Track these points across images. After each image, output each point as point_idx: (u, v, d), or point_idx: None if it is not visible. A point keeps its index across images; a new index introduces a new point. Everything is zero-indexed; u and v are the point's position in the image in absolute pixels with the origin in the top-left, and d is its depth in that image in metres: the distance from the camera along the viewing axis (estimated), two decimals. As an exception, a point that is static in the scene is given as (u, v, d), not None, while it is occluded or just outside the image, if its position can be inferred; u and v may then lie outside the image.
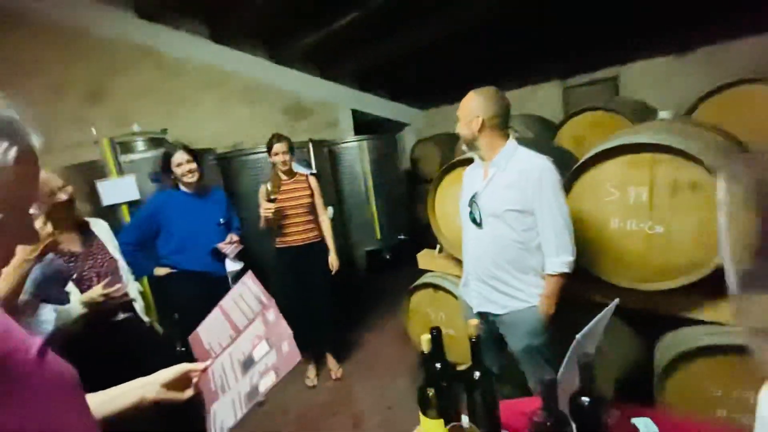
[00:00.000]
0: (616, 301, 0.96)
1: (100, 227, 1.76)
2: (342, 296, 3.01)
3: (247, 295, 0.89)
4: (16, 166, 0.43)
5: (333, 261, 2.66)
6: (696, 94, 2.52)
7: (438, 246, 2.63)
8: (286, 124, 4.36)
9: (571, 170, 1.67)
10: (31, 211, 0.49)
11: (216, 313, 0.93)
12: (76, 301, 1.46)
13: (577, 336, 0.84)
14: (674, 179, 1.45)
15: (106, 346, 1.51)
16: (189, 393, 0.81)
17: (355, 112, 5.08)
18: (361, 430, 2.23)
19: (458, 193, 1.72)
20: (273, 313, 0.82)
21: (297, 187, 2.55)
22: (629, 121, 2.64)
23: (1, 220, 0.43)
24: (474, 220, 1.51)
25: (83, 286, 1.54)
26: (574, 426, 0.77)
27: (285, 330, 0.79)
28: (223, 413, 0.75)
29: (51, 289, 1.42)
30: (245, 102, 4.15)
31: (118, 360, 1.43)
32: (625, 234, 1.59)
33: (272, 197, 2.38)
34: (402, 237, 4.22)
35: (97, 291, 1.48)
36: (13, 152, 0.43)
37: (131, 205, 2.53)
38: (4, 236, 0.44)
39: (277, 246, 2.58)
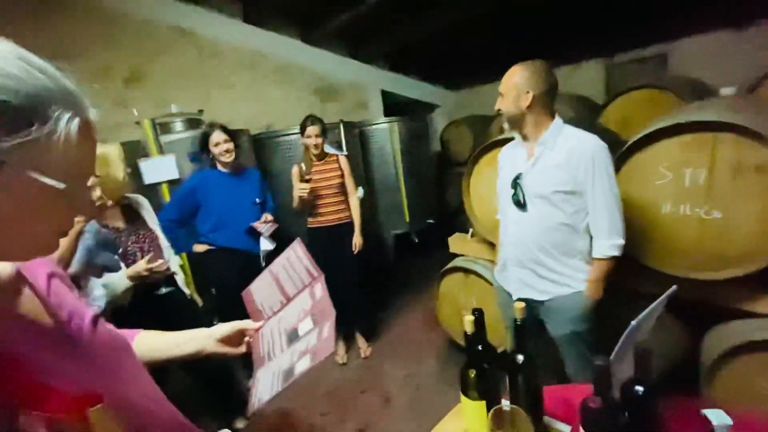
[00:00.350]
0: (674, 288, 0.90)
1: (141, 204, 1.83)
2: (371, 278, 3.03)
3: (295, 262, 0.90)
4: (79, 137, 0.44)
5: (357, 239, 2.66)
6: (757, 71, 2.30)
7: (470, 230, 2.59)
8: (317, 106, 4.35)
9: (619, 151, 1.58)
10: (89, 183, 0.50)
11: (266, 275, 0.94)
12: (123, 275, 1.53)
13: (633, 322, 0.80)
14: (738, 161, 1.33)
15: (151, 318, 1.57)
16: (242, 350, 0.85)
17: (385, 94, 5.00)
18: (390, 407, 2.27)
19: (494, 175, 1.66)
20: (320, 289, 0.83)
21: (328, 168, 2.55)
22: (682, 100, 2.46)
23: (64, 191, 0.43)
24: (517, 202, 1.45)
25: (128, 261, 1.61)
26: (627, 414, 0.74)
27: (330, 310, 0.79)
28: (263, 385, 0.77)
29: (103, 256, 1.50)
30: (277, 83, 4.16)
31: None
32: (677, 219, 1.49)
33: (307, 178, 2.40)
34: (431, 221, 4.17)
35: (141, 265, 1.55)
36: (76, 123, 0.44)
37: (171, 184, 2.61)
38: (66, 207, 0.46)
39: (309, 226, 2.61)
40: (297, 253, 0.92)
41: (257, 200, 2.38)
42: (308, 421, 2.22)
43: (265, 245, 2.38)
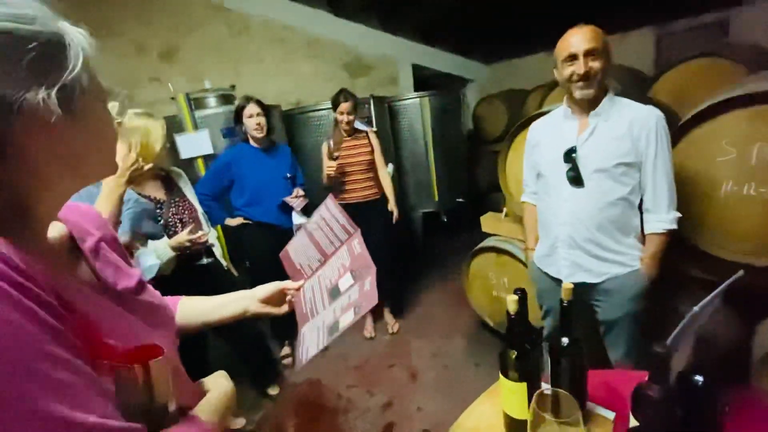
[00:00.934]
0: (741, 273, 0.83)
1: (180, 176, 1.87)
2: (399, 256, 3.02)
3: (330, 220, 0.89)
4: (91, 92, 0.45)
5: (394, 209, 2.66)
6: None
7: (503, 209, 2.51)
8: (347, 81, 4.28)
9: (677, 124, 1.45)
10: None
11: (302, 235, 0.94)
12: (166, 245, 1.58)
13: (695, 308, 0.74)
14: (817, 136, 1.19)
15: (194, 287, 1.64)
16: (284, 309, 0.87)
17: (415, 68, 4.85)
18: (417, 383, 2.29)
19: (530, 152, 1.57)
20: (358, 244, 0.82)
21: (357, 144, 2.52)
22: (745, 70, 2.22)
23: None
24: (573, 179, 1.35)
25: (168, 232, 1.66)
26: (682, 404, 0.69)
27: (369, 264, 0.78)
28: (309, 340, 0.78)
29: (147, 225, 1.56)
30: (307, 58, 4.11)
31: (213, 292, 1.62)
32: (740, 199, 1.37)
33: (335, 155, 2.38)
34: (460, 200, 4.08)
35: (183, 236, 1.59)
36: (85, 41, 0.45)
37: (206, 158, 2.66)
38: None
39: (339, 203, 2.61)
40: (331, 210, 0.90)
41: (288, 174, 2.39)
42: (336, 391, 2.28)
43: (298, 220, 2.41)
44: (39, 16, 0.39)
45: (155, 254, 1.51)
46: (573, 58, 1.26)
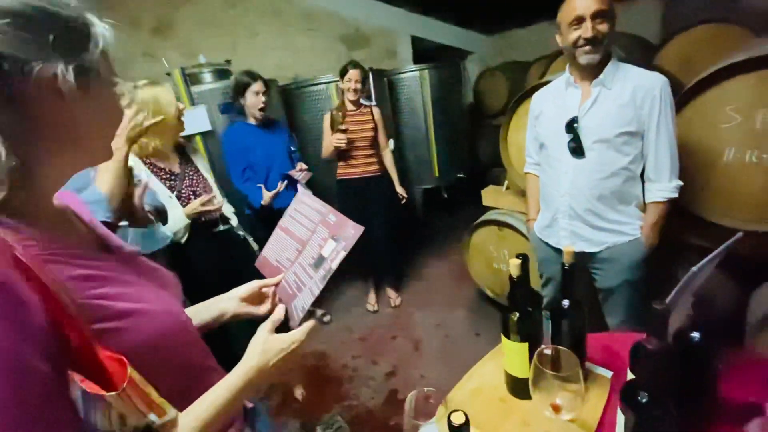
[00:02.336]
0: (740, 234, 0.84)
1: (192, 147, 1.90)
2: (400, 231, 3.05)
3: (303, 209, 0.90)
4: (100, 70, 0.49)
5: (400, 189, 2.69)
6: None
7: (505, 182, 2.51)
8: (344, 54, 4.18)
9: (681, 91, 1.43)
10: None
11: (277, 233, 0.94)
12: (182, 214, 1.65)
13: (693, 268, 0.75)
14: (824, 99, 1.18)
15: (210, 251, 1.79)
16: (265, 308, 0.84)
17: (414, 40, 4.72)
18: (420, 353, 2.36)
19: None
20: (333, 215, 0.82)
21: (361, 119, 2.49)
22: (755, 34, 2.17)
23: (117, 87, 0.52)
24: (574, 149, 1.34)
25: (182, 203, 1.72)
26: (679, 361, 0.72)
27: (346, 221, 0.79)
28: (302, 300, 0.79)
29: (148, 195, 1.57)
30: (303, 31, 4.00)
31: (221, 264, 1.76)
32: (742, 167, 1.37)
33: (342, 128, 2.35)
34: (461, 176, 4.07)
35: (197, 203, 1.66)
36: (97, 21, 0.49)
37: (204, 135, 2.63)
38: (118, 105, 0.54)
39: (339, 178, 2.60)
40: (303, 200, 0.91)
41: (293, 148, 2.39)
42: (341, 362, 2.35)
43: (302, 192, 2.41)
44: (72, 4, 0.46)
45: (172, 221, 1.55)
46: (579, 21, 1.22)
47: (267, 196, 2.23)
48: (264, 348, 0.64)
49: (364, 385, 2.15)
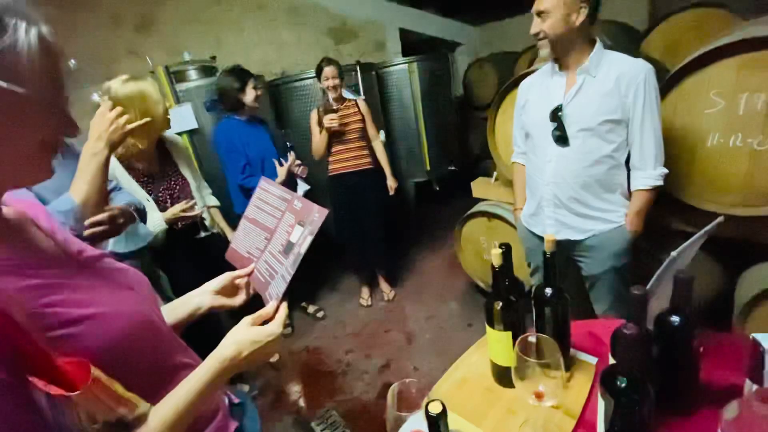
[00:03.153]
0: (720, 219, 0.85)
1: (176, 146, 1.78)
2: (392, 225, 3.04)
3: (268, 198, 0.89)
4: (40, 47, 0.44)
5: (391, 183, 2.67)
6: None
7: (494, 174, 2.51)
8: (331, 48, 4.14)
9: (665, 78, 1.43)
10: (64, 100, 0.50)
11: (243, 224, 0.93)
12: (160, 218, 1.58)
13: (673, 253, 0.75)
14: (805, 82, 1.19)
15: (194, 260, 1.73)
16: (241, 298, 0.84)
17: (403, 33, 4.69)
18: (413, 345, 2.37)
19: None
20: (298, 201, 0.82)
21: (347, 113, 2.47)
22: (742, 18, 2.17)
23: (38, 100, 0.44)
24: (559, 138, 1.34)
25: (159, 206, 1.63)
26: (659, 345, 0.72)
27: (312, 207, 0.79)
28: (276, 288, 0.79)
29: (122, 196, 1.52)
30: (289, 25, 3.95)
31: (203, 270, 1.59)
32: (726, 152, 1.37)
33: (334, 107, 2.32)
34: (452, 168, 4.06)
35: (177, 209, 1.60)
36: (34, 32, 0.44)
37: (190, 134, 2.60)
38: (43, 119, 0.46)
39: (330, 174, 2.59)
40: (265, 188, 0.89)
41: (288, 144, 2.37)
42: (335, 357, 2.35)
43: (303, 187, 2.41)
44: None
45: (151, 235, 1.48)
46: (537, 15, 1.26)
47: (282, 171, 2.25)
48: (237, 339, 0.64)
49: (358, 379, 2.15)
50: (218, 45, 3.57)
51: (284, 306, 0.73)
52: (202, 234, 1.78)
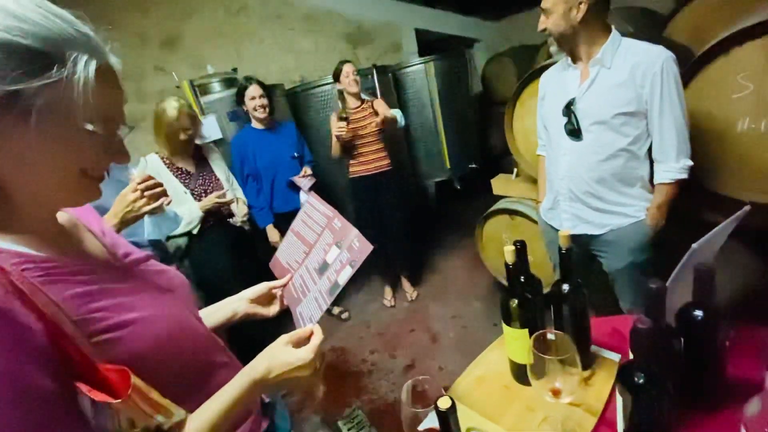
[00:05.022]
0: (747, 208, 0.81)
1: (212, 151, 2.17)
2: (414, 226, 3.05)
3: (313, 213, 0.92)
4: (99, 80, 0.46)
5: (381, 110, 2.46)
6: None
7: (514, 170, 2.47)
8: (349, 53, 4.20)
9: (689, 63, 1.38)
10: (120, 132, 0.52)
11: (289, 235, 0.97)
12: (196, 207, 1.91)
13: (694, 245, 0.73)
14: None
15: (222, 244, 2.06)
16: (275, 309, 0.87)
17: (419, 33, 4.69)
18: (437, 344, 2.37)
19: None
20: (338, 221, 0.84)
21: (365, 114, 2.50)
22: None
23: (90, 134, 0.46)
24: (571, 131, 1.32)
25: (195, 199, 1.95)
26: (682, 340, 0.70)
27: (351, 230, 0.80)
28: (309, 310, 0.80)
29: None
30: (306, 33, 4.04)
31: (236, 246, 2.10)
32: (757, 137, 1.31)
33: (344, 116, 2.36)
34: (473, 166, 4.02)
35: (212, 197, 1.93)
36: (93, 65, 0.45)
37: (216, 144, 2.71)
38: (94, 151, 0.48)
39: (351, 177, 2.63)
40: (312, 204, 0.93)
41: (295, 154, 2.42)
42: (360, 357, 2.39)
43: (304, 198, 2.45)
44: (35, 32, 0.42)
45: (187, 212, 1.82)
46: None
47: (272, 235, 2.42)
48: (270, 356, 0.63)
49: (383, 378, 2.18)
50: (239, 56, 3.70)
51: (319, 331, 0.68)
52: (236, 221, 2.07)
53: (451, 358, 2.21)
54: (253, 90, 2.25)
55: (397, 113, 2.58)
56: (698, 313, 0.70)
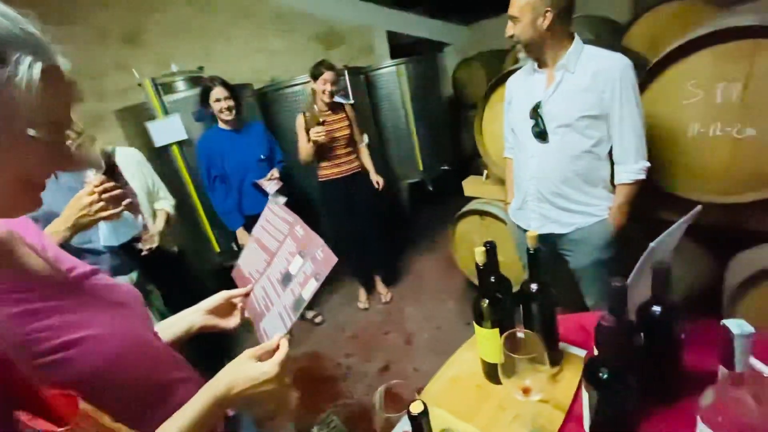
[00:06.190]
0: (699, 208, 0.86)
1: (125, 157, 1.78)
2: (387, 227, 3.05)
3: (273, 219, 0.88)
4: (44, 83, 0.42)
5: (376, 178, 2.67)
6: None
7: (485, 172, 2.52)
8: (320, 54, 4.16)
9: (645, 70, 1.45)
10: (68, 135, 0.48)
11: (250, 243, 0.92)
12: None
13: (651, 243, 0.77)
14: (779, 70, 1.21)
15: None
16: (235, 321, 0.83)
17: (391, 35, 4.71)
18: (412, 346, 2.38)
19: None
20: (300, 228, 0.80)
21: (337, 118, 2.48)
22: (717, 10, 2.20)
23: (33, 139, 0.42)
24: (538, 134, 1.36)
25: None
26: (642, 335, 0.74)
27: (315, 239, 0.76)
28: (273, 326, 0.76)
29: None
30: (278, 32, 3.97)
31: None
32: (706, 141, 1.39)
33: (321, 120, 2.33)
34: (445, 167, 4.08)
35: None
36: (38, 67, 0.42)
37: (180, 145, 2.60)
38: (37, 156, 0.44)
39: (321, 180, 2.59)
40: (272, 209, 0.89)
41: (262, 156, 2.36)
42: (335, 361, 2.36)
43: (272, 200, 2.40)
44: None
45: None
46: None
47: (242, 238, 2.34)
48: (233, 371, 0.61)
49: (358, 382, 2.16)
50: (207, 55, 3.58)
51: (285, 344, 0.65)
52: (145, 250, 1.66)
53: (425, 359, 2.23)
54: (218, 92, 2.18)
55: (365, 138, 2.70)
56: (656, 308, 0.74)
